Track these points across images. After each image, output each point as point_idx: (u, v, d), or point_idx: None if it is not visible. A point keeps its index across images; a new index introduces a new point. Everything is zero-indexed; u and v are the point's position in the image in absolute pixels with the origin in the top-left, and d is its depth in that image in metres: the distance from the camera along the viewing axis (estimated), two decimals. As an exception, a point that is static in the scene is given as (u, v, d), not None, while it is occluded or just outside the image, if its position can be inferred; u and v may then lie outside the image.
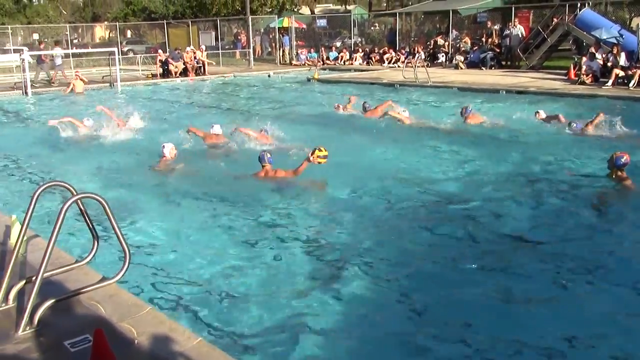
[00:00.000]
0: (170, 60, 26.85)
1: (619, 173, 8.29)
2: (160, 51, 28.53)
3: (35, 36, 42.49)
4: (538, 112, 13.46)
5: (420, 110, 15.77)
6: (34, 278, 4.25)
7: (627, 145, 10.20)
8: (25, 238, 5.00)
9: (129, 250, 4.69)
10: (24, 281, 4.62)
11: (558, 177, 9.14)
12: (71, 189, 4.88)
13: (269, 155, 8.90)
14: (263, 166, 8.86)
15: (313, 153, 8.28)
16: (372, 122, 13.81)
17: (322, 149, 8.30)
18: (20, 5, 58.84)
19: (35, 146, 12.59)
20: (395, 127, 13.20)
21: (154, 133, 12.91)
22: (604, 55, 19.85)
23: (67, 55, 31.29)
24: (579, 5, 23.43)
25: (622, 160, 8.21)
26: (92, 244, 5.05)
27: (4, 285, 4.44)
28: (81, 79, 22.65)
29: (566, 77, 20.35)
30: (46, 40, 35.23)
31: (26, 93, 21.35)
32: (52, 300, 4.29)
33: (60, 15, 62.98)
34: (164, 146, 10.06)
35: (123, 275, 4.74)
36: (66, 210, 4.22)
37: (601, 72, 19.19)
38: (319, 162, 8.29)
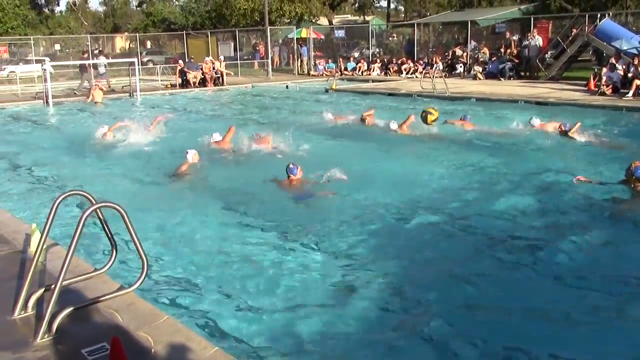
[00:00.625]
0: (187, 69, 27.04)
1: (638, 183, 8.18)
2: (180, 61, 28.77)
3: (57, 47, 43.14)
4: (531, 120, 13.60)
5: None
6: (52, 286, 4.28)
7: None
8: (44, 246, 5.05)
9: (146, 259, 4.71)
10: (43, 289, 4.66)
11: (574, 187, 9.03)
12: (90, 197, 4.92)
13: (291, 166, 8.94)
14: (289, 176, 8.91)
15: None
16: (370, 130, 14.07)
17: (432, 111, 7.94)
18: (42, 16, 59.81)
19: (56, 155, 12.72)
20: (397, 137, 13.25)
21: (173, 141, 13.05)
22: (624, 66, 19.68)
23: (88, 66, 31.72)
24: (598, 15, 23.29)
25: None
26: (110, 252, 5.09)
27: (24, 293, 4.49)
28: (100, 88, 22.89)
29: (586, 88, 20.20)
30: (97, 49, 35.59)
31: (47, 103, 21.59)
32: (71, 309, 4.32)
33: (82, 26, 63.90)
34: (187, 152, 10.41)
35: (141, 284, 4.76)
36: (85, 219, 4.25)
37: (621, 83, 19.03)
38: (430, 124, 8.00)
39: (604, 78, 19.25)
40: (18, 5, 45.31)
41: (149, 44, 52.96)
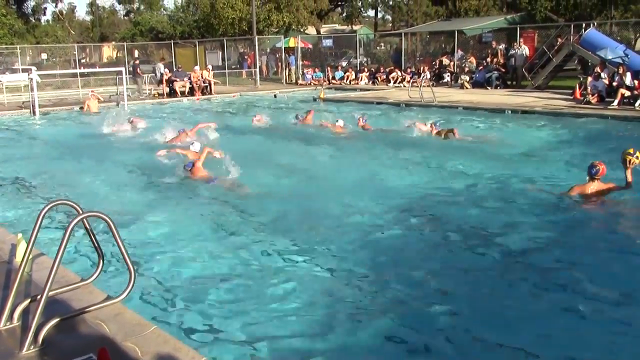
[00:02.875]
0: (174, 78, 27.01)
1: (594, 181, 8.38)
2: (166, 70, 28.69)
3: (44, 56, 42.91)
4: (431, 125, 14.64)
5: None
6: (38, 297, 4.25)
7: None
8: (30, 256, 5.01)
9: (134, 269, 4.69)
10: (28, 300, 4.61)
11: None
12: (77, 207, 4.89)
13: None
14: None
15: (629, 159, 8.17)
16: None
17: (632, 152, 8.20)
18: (29, 25, 59.51)
19: (42, 164, 12.65)
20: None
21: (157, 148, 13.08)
22: (609, 75, 19.88)
23: (74, 75, 31.65)
24: (583, 25, 23.52)
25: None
26: (97, 262, 5.06)
27: (9, 304, 4.45)
28: (97, 98, 22.78)
29: (572, 97, 20.38)
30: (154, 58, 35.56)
31: (34, 112, 21.48)
32: (57, 319, 4.28)
33: (69, 35, 63.62)
34: (192, 143, 11.96)
35: (128, 294, 4.73)
36: (72, 229, 4.23)
37: (607, 92, 19.21)
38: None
39: (590, 87, 19.43)
40: (4, 15, 45.06)
41: (136, 53, 52.84)
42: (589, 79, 19.94)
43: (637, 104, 17.61)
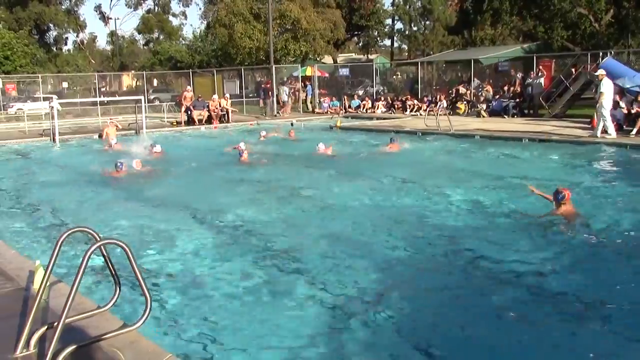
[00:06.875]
0: (192, 108, 27.27)
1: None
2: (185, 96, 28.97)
3: (65, 84, 43.68)
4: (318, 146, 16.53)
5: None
6: (55, 324, 4.25)
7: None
8: (48, 284, 5.03)
9: (150, 297, 4.69)
10: (45, 327, 4.62)
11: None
12: (95, 234, 4.92)
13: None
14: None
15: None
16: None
17: None
18: (51, 54, 60.71)
19: (61, 192, 12.76)
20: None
21: (175, 176, 13.18)
22: (627, 104, 19.75)
23: (94, 103, 32.13)
24: (601, 54, 23.48)
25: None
26: (114, 289, 5.07)
27: (26, 331, 4.45)
28: (115, 125, 23.08)
29: (590, 126, 20.24)
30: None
31: (54, 140, 21.77)
32: (73, 347, 4.28)
33: (89, 64, 64.80)
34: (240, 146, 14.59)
35: (144, 322, 4.73)
36: (89, 257, 4.25)
37: (625, 121, 19.07)
38: None
39: (608, 116, 19.29)
40: (27, 45, 46.04)
41: (155, 81, 53.64)
42: (608, 108, 19.80)
43: (656, 133, 17.46)
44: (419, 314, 6.05)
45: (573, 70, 24.40)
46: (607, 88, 17.86)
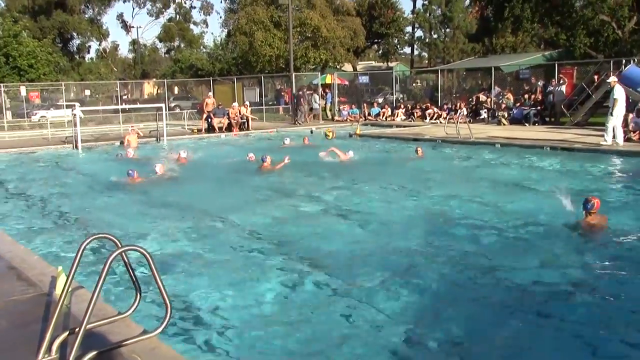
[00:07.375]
0: (212, 115, 27.43)
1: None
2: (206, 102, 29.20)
3: (87, 92, 44.23)
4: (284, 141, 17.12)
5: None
6: (77, 330, 4.28)
7: None
8: (70, 289, 5.07)
9: (170, 304, 4.71)
10: (67, 332, 4.66)
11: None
12: (116, 241, 4.95)
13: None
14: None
15: None
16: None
17: None
18: (74, 63, 61.54)
19: (84, 198, 12.91)
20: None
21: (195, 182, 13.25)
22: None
23: (116, 111, 32.47)
24: (623, 61, 23.22)
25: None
26: (134, 295, 5.10)
27: (48, 337, 4.49)
28: (136, 133, 23.26)
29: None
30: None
31: (76, 147, 22.01)
32: (94, 353, 4.31)
33: (112, 72, 65.58)
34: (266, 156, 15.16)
35: (164, 328, 4.75)
36: (110, 263, 4.28)
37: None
38: None
39: (631, 124, 19.06)
40: (50, 53, 46.69)
41: (176, 89, 54.09)
42: (630, 115, 19.57)
43: (680, 142, 17.22)
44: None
45: (595, 77, 24.15)
46: (619, 94, 17.63)
